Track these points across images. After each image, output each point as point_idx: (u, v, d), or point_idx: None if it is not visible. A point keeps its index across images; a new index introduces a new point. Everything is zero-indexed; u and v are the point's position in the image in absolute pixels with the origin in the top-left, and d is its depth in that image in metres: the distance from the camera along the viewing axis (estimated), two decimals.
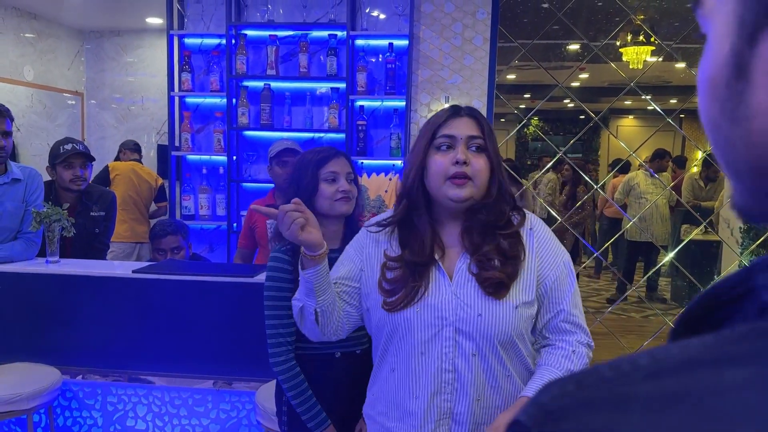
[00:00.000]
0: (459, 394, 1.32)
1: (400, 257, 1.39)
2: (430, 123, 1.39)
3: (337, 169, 1.83)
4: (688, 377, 0.27)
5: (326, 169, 1.82)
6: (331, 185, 1.81)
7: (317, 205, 1.81)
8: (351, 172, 1.88)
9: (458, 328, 1.32)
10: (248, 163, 4.09)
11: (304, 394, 1.77)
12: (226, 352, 2.47)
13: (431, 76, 3.88)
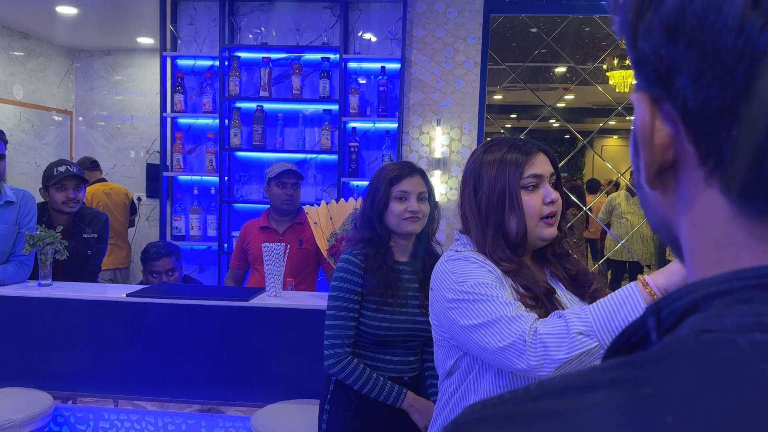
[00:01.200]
0: None
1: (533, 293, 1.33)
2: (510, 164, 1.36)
3: (408, 188, 1.86)
4: (560, 399, 0.33)
5: (398, 187, 1.86)
6: (401, 204, 1.85)
7: (387, 221, 1.87)
8: (424, 191, 1.90)
9: None
10: (240, 183, 4.10)
11: (371, 379, 1.82)
12: (220, 377, 2.45)
13: (423, 98, 3.93)
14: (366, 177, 3.98)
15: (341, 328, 1.82)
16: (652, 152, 0.41)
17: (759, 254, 0.38)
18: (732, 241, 0.40)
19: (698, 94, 0.38)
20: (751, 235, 0.39)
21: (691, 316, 0.36)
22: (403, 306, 1.85)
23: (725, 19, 0.35)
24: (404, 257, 1.92)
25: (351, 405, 1.86)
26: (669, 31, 0.38)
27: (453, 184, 3.94)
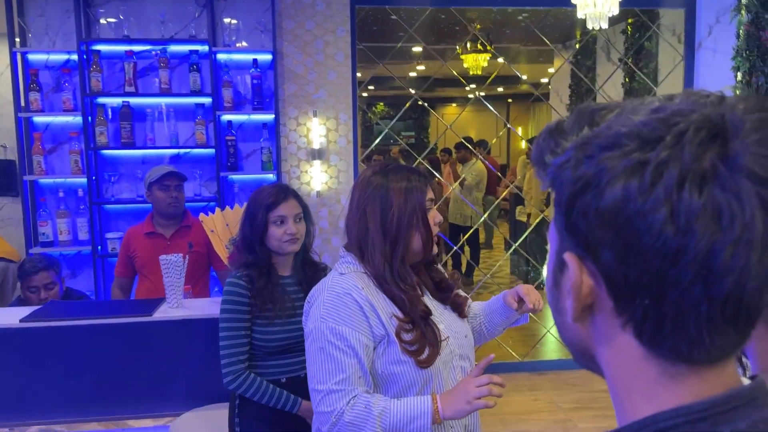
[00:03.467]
0: None
1: (410, 318, 1.44)
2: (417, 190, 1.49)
3: (285, 213, 2.01)
4: None
5: (276, 212, 1.99)
6: (279, 227, 2.00)
7: (268, 244, 2.01)
8: (300, 212, 2.06)
9: (461, 354, 1.53)
10: (110, 183, 3.94)
11: (268, 391, 1.97)
12: (131, 391, 2.45)
13: (297, 90, 4.00)
14: (245, 170, 4.00)
15: (235, 347, 1.96)
16: (579, 299, 0.51)
17: (674, 390, 0.50)
18: (648, 376, 0.51)
19: (620, 270, 0.48)
20: (663, 374, 0.50)
21: None
22: (292, 316, 2.01)
23: (649, 225, 0.45)
24: (287, 271, 2.09)
25: (259, 413, 2.01)
26: (603, 219, 0.47)
27: (332, 173, 4.08)
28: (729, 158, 0.45)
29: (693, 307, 0.47)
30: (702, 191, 0.44)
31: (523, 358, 4.53)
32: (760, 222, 0.44)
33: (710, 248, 0.44)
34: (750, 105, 0.48)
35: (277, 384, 2.01)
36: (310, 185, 4.05)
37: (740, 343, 0.50)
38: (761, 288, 0.47)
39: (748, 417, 0.49)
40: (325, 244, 4.10)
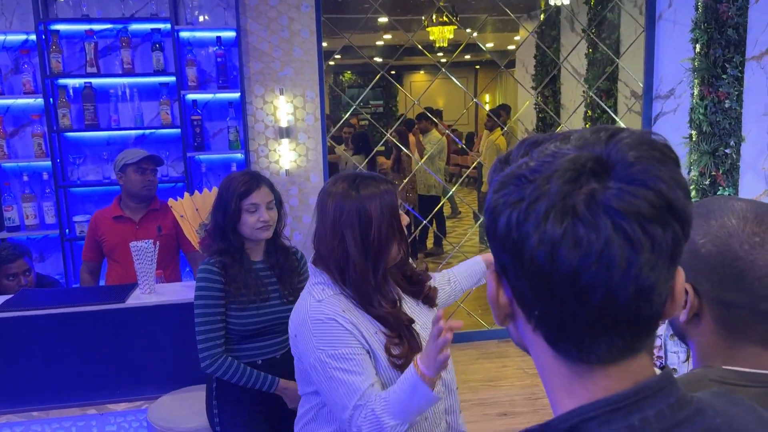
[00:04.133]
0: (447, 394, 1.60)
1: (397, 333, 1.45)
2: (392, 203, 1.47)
3: (258, 200, 2.04)
4: None
5: (248, 200, 2.02)
6: (252, 215, 2.03)
7: (241, 231, 2.04)
8: (272, 199, 2.08)
9: None
10: (75, 166, 3.89)
11: (245, 373, 2.03)
12: (108, 377, 2.49)
13: (263, 68, 3.97)
14: (212, 150, 3.99)
15: (211, 332, 2.01)
16: (498, 308, 0.62)
17: (585, 387, 0.59)
18: (562, 374, 0.60)
19: (517, 286, 0.58)
20: (572, 373, 0.59)
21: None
22: (266, 300, 2.07)
23: (527, 250, 0.55)
24: (259, 256, 2.13)
25: (237, 395, 2.08)
26: (500, 243, 0.58)
27: (301, 151, 4.08)
28: (590, 195, 0.53)
29: (572, 317, 0.56)
30: (563, 223, 0.53)
31: (491, 326, 4.67)
32: (619, 248, 0.52)
33: (575, 269, 0.53)
34: (633, 140, 0.56)
35: (254, 366, 2.06)
36: (278, 164, 4.06)
37: (632, 347, 0.58)
38: (636, 302, 0.54)
39: (656, 405, 0.57)
40: (295, 222, 4.13)
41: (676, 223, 0.56)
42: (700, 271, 0.87)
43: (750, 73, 3.60)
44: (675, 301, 0.61)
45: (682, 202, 0.56)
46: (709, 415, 0.61)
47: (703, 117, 3.88)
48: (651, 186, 0.55)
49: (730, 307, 0.85)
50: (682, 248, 0.57)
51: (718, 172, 3.81)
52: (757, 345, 0.85)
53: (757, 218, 0.84)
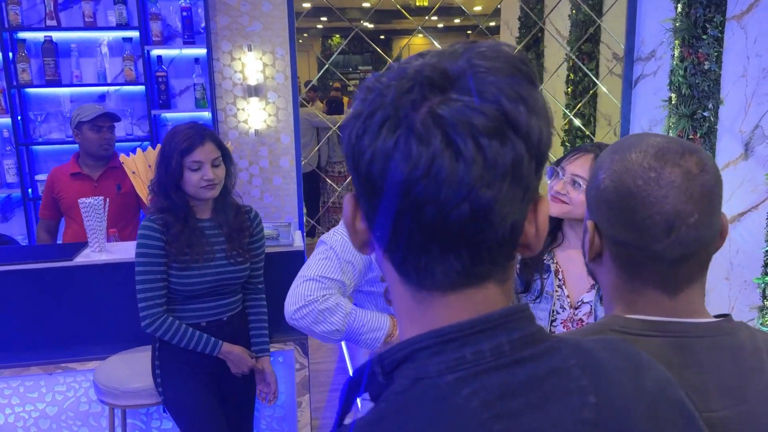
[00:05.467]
0: None
1: None
2: None
3: (201, 158, 1.92)
4: None
5: (191, 158, 1.91)
6: (195, 173, 1.92)
7: (184, 188, 1.94)
8: (218, 156, 1.96)
9: None
10: (37, 123, 3.78)
11: (186, 334, 1.96)
12: (56, 337, 2.43)
13: (230, 23, 3.84)
14: (178, 108, 3.87)
15: (151, 290, 1.93)
16: (355, 234, 0.59)
17: (426, 315, 0.57)
18: (407, 301, 0.58)
19: (363, 205, 0.57)
20: (415, 299, 0.58)
21: (405, 364, 0.55)
22: (210, 260, 1.97)
23: (365, 163, 0.53)
24: (206, 214, 2.04)
25: (178, 356, 2.01)
26: (347, 160, 0.56)
27: (271, 110, 3.98)
28: (425, 106, 0.50)
29: (409, 236, 0.53)
30: (395, 135, 0.51)
31: None
32: (448, 161, 0.49)
33: (406, 182, 0.50)
34: (484, 53, 0.53)
35: (198, 328, 2.00)
36: (247, 123, 3.96)
37: (472, 273, 0.55)
38: (473, 222, 0.51)
39: (495, 339, 0.54)
40: (266, 184, 4.04)
41: (519, 140, 0.51)
42: (600, 208, 0.80)
43: (730, 33, 3.50)
44: (538, 232, 0.57)
45: (524, 117, 0.51)
46: (561, 355, 0.57)
47: (682, 79, 3.79)
48: (490, 99, 0.51)
49: (626, 247, 0.78)
50: (529, 170, 0.52)
51: (696, 136, 3.73)
52: (656, 289, 0.79)
53: (658, 153, 0.76)
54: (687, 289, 0.79)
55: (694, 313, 0.79)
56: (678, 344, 0.77)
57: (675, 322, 0.78)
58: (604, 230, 0.81)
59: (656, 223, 0.75)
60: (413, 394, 0.53)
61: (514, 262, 0.59)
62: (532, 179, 0.54)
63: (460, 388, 0.52)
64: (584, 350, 0.60)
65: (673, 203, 0.74)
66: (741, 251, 3.46)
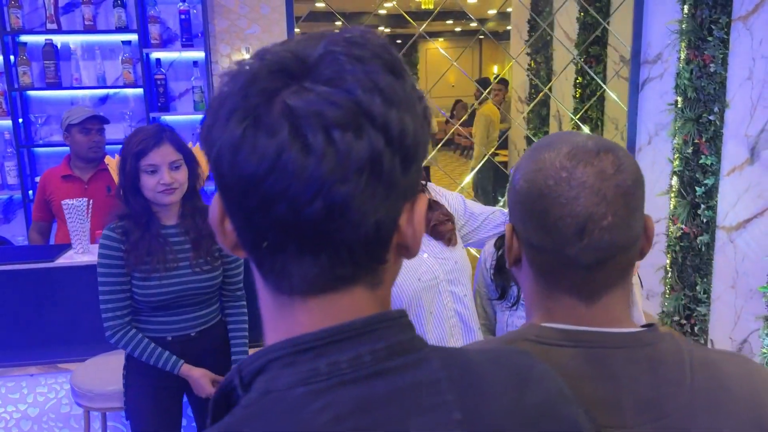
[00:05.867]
0: (465, 332, 1.58)
1: None
2: None
3: (157, 161, 1.79)
4: None
5: (146, 161, 1.79)
6: (152, 177, 1.80)
7: (144, 194, 1.83)
8: (177, 158, 1.84)
9: (449, 279, 1.57)
10: (38, 125, 3.81)
11: (147, 349, 1.87)
12: (36, 339, 2.43)
13: (229, 26, 3.84)
14: (177, 111, 3.88)
15: (113, 302, 1.84)
16: (224, 236, 0.55)
17: (286, 322, 0.53)
18: (269, 306, 0.54)
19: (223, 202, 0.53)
20: (275, 304, 0.54)
21: (260, 376, 0.51)
22: (174, 269, 1.85)
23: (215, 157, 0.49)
24: (172, 220, 1.91)
25: (145, 368, 1.90)
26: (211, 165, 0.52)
27: None
28: (274, 95, 0.47)
29: (263, 234, 0.49)
30: (242, 126, 0.47)
31: None
32: (295, 154, 0.46)
33: (255, 176, 0.47)
34: (345, 38, 0.50)
35: (163, 342, 1.89)
36: None
37: (334, 275, 0.51)
38: (329, 220, 0.47)
39: (355, 349, 0.50)
40: None
41: (376, 133, 0.47)
42: (515, 210, 0.75)
43: (736, 35, 3.40)
44: (415, 232, 0.53)
45: (381, 109, 0.47)
46: (431, 367, 0.52)
47: (688, 82, 3.69)
48: (344, 88, 0.47)
49: (540, 251, 0.73)
50: (392, 165, 0.49)
51: (701, 140, 3.64)
52: (572, 295, 0.73)
53: (571, 151, 0.71)
54: (605, 296, 0.73)
55: (613, 322, 0.74)
56: (592, 355, 0.72)
57: (591, 331, 0.73)
58: (520, 233, 0.76)
59: (568, 226, 0.69)
60: (260, 408, 0.49)
61: (388, 265, 0.55)
62: (397, 175, 0.50)
63: (311, 401, 0.49)
64: (462, 362, 0.56)
65: (585, 204, 0.69)
66: (747, 259, 3.35)
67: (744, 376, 0.74)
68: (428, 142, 0.56)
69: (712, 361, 0.74)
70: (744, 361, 0.77)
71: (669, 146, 3.97)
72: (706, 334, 3.74)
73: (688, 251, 3.82)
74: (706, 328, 3.73)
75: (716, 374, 0.73)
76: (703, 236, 3.67)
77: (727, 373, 0.73)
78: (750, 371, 0.76)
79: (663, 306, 4.11)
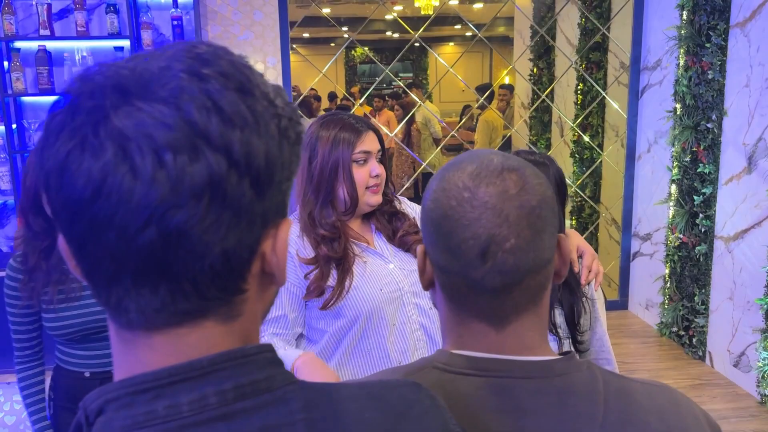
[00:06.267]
0: (430, 345, 1.54)
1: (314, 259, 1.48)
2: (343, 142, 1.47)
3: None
4: None
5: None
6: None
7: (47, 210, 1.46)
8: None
9: (414, 292, 1.52)
10: (30, 131, 3.82)
11: (30, 396, 1.70)
12: None
13: (222, 32, 3.83)
14: None
15: (18, 333, 1.67)
16: (71, 262, 0.50)
17: (129, 359, 0.49)
18: (114, 341, 0.51)
19: None
20: (118, 338, 0.50)
21: (100, 416, 0.47)
22: (77, 299, 1.63)
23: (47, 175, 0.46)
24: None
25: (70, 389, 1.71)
26: None
27: None
28: (102, 114, 0.44)
29: (96, 263, 0.46)
30: (68, 147, 0.44)
31: None
32: (122, 178, 0.43)
33: (78, 202, 0.44)
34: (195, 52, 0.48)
35: (81, 378, 1.68)
36: None
37: (176, 309, 0.47)
38: (165, 249, 0.44)
39: (198, 389, 0.46)
40: None
41: (216, 155, 0.44)
42: (425, 231, 0.72)
43: (734, 41, 3.34)
44: (278, 259, 0.50)
45: (218, 129, 0.44)
46: (288, 408, 0.49)
47: (686, 89, 3.63)
48: (178, 106, 0.44)
49: (448, 275, 0.69)
50: (239, 189, 0.45)
51: (700, 148, 3.57)
52: (481, 321, 0.69)
53: (475, 170, 0.67)
54: (515, 321, 0.69)
55: (525, 350, 0.69)
56: (498, 385, 0.68)
57: (499, 359, 0.68)
58: (430, 255, 0.72)
59: (471, 248, 0.65)
60: None
61: (248, 296, 0.51)
62: (248, 200, 0.46)
63: None
64: (327, 400, 0.52)
65: (486, 226, 0.65)
66: (744, 270, 3.28)
67: (664, 410, 0.70)
68: (294, 162, 0.52)
69: (630, 393, 0.70)
70: (668, 393, 0.73)
71: (668, 154, 3.90)
72: (705, 346, 3.66)
73: (687, 261, 3.74)
74: (704, 340, 3.66)
75: (632, 408, 0.68)
76: (701, 246, 3.60)
77: (646, 407, 0.69)
78: (672, 404, 0.71)
79: (662, 317, 4.04)
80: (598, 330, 1.46)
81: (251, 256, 0.49)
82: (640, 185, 4.34)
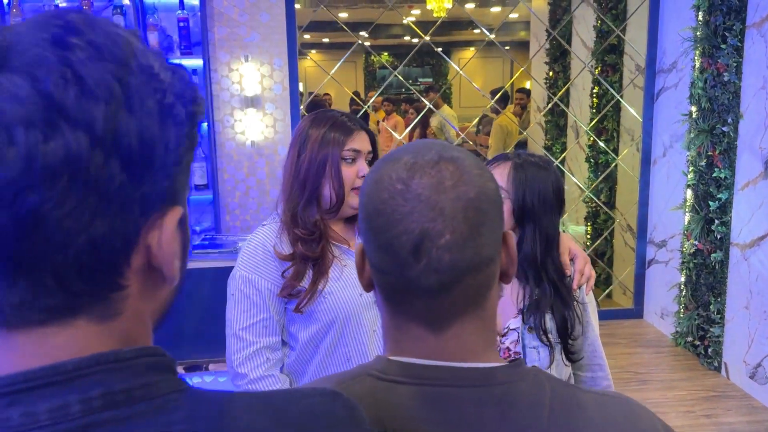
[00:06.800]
0: None
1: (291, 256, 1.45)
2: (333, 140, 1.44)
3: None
4: None
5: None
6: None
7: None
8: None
9: None
10: None
11: None
12: None
13: (228, 34, 3.81)
14: None
15: None
16: None
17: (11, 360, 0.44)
18: None
19: None
20: None
21: None
22: None
23: None
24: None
25: None
26: None
27: (269, 121, 3.92)
28: None
29: None
30: None
31: None
32: None
33: None
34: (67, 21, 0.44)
35: None
36: (245, 135, 3.91)
37: (32, 305, 0.42)
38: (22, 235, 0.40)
39: (61, 396, 0.42)
40: (262, 196, 3.98)
41: (76, 131, 0.40)
42: (361, 227, 0.67)
43: (750, 42, 3.23)
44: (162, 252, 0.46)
45: (76, 103, 0.40)
46: (168, 419, 0.45)
47: (702, 92, 3.52)
48: (33, 77, 0.40)
49: (382, 273, 0.64)
50: (106, 170, 0.42)
51: (715, 152, 3.46)
52: (420, 324, 0.64)
53: (411, 161, 0.62)
54: (455, 325, 0.63)
55: (466, 355, 0.63)
56: (434, 395, 0.62)
57: (435, 366, 0.63)
58: (367, 253, 0.66)
59: (403, 245, 0.60)
60: None
61: (126, 293, 0.46)
62: (118, 183, 0.42)
63: None
64: (216, 411, 0.47)
65: (419, 220, 0.59)
66: (761, 278, 3.16)
67: (617, 425, 0.63)
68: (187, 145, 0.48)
69: (580, 406, 0.63)
70: (624, 405, 0.66)
71: (683, 158, 3.79)
72: (720, 356, 3.54)
73: (702, 269, 3.63)
74: (719, 350, 3.54)
75: (580, 423, 0.62)
76: (716, 253, 3.48)
77: (596, 422, 0.62)
78: (628, 419, 0.64)
79: (677, 326, 3.92)
80: (590, 335, 1.39)
81: (128, 248, 0.45)
82: (656, 190, 4.23)
